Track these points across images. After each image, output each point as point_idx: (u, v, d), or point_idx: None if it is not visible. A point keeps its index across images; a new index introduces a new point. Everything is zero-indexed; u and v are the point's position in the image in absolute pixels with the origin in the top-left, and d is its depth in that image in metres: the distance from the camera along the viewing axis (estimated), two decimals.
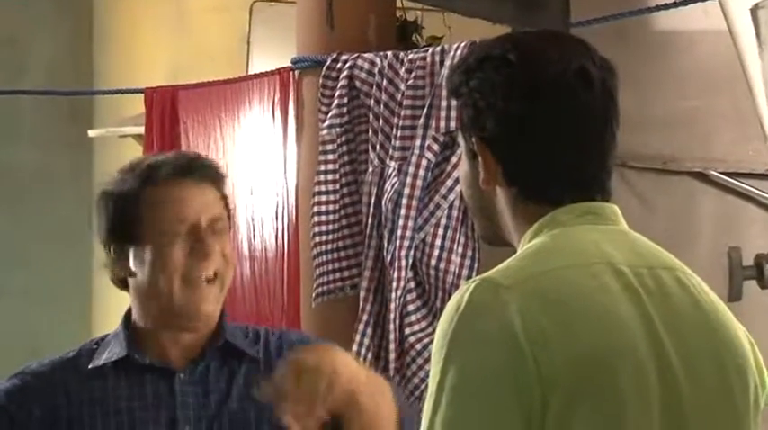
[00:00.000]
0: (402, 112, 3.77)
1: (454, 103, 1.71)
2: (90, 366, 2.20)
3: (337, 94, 3.92)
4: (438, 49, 3.79)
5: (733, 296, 3.35)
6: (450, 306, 1.51)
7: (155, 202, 2.18)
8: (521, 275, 1.52)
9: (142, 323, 2.23)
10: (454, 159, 3.63)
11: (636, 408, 1.47)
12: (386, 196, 3.75)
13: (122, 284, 2.24)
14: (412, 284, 3.70)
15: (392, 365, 3.66)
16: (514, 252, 1.63)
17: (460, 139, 1.69)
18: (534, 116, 1.59)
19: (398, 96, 3.80)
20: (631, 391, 1.47)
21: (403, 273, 3.67)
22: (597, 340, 1.48)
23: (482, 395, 1.45)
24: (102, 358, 2.21)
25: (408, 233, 3.68)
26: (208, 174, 2.25)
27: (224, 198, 2.27)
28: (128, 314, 2.26)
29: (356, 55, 3.91)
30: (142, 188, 2.19)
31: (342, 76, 3.92)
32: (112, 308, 2.27)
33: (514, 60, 1.61)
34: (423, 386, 3.58)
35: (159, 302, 2.18)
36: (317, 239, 3.92)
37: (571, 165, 1.61)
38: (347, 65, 3.91)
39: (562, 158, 1.61)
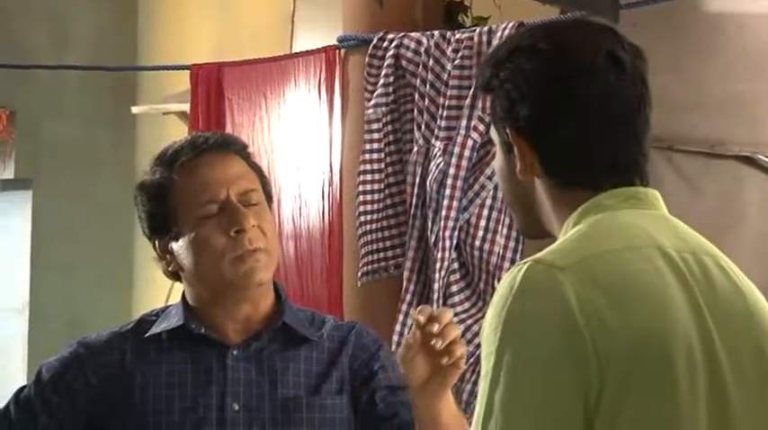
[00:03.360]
0: (448, 92, 3.76)
1: None
2: (147, 334, 2.21)
3: (383, 73, 3.92)
4: (485, 29, 3.78)
5: None
6: (504, 286, 1.51)
7: (182, 190, 2.16)
8: (574, 257, 1.52)
9: (197, 304, 2.22)
10: None
11: (687, 391, 1.48)
12: (431, 176, 3.74)
13: (174, 276, 2.23)
14: (455, 265, 3.70)
15: None
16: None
17: (494, 133, 1.70)
18: (568, 102, 1.59)
19: (444, 76, 3.80)
20: (683, 374, 1.48)
21: (447, 254, 3.67)
22: (653, 323, 1.48)
23: (541, 374, 1.45)
24: (160, 327, 2.21)
25: (453, 214, 3.67)
26: (227, 144, 2.23)
27: (255, 169, 2.24)
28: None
29: (402, 34, 3.90)
30: (168, 178, 2.18)
31: (388, 55, 3.91)
32: (155, 280, 2.27)
33: (545, 48, 1.61)
34: (464, 367, 3.57)
35: (211, 286, 2.17)
36: (362, 219, 3.92)
37: (608, 150, 1.61)
38: (393, 44, 3.91)
39: (599, 143, 1.61)
